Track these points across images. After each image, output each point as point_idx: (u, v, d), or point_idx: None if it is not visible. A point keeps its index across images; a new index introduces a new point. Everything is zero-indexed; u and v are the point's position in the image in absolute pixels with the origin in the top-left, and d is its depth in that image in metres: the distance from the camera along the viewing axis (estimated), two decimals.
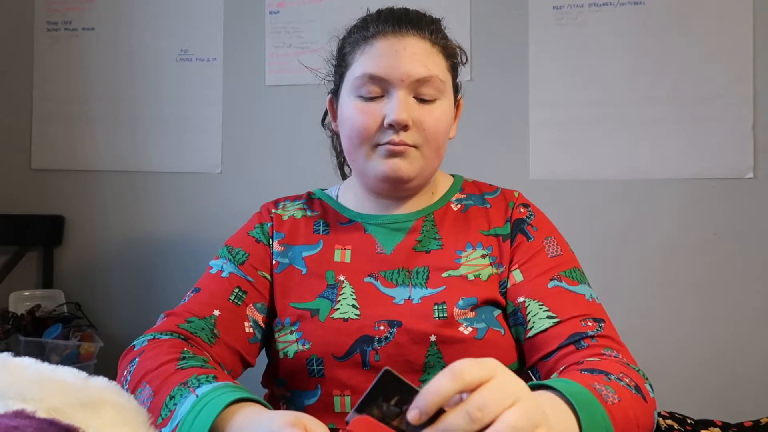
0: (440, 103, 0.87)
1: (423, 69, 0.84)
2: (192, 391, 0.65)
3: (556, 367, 0.78)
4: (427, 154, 0.87)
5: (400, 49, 0.84)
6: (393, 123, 0.83)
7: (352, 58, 0.88)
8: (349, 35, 0.92)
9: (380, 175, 0.87)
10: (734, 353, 1.68)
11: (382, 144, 0.85)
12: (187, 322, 0.83)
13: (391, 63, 0.84)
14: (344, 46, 0.92)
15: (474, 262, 0.88)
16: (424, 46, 0.86)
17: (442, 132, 0.88)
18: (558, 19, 1.79)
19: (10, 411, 0.43)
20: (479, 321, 0.83)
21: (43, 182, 2.07)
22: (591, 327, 0.79)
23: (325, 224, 0.94)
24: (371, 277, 0.88)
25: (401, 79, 0.84)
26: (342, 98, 0.90)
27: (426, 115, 0.85)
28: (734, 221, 1.69)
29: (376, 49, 0.86)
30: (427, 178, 0.91)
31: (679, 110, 1.72)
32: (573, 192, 1.77)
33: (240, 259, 0.91)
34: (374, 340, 0.82)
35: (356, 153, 0.88)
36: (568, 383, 0.63)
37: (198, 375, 0.69)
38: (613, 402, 0.63)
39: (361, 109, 0.86)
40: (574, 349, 0.78)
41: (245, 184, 1.96)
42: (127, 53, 2.03)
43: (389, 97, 0.85)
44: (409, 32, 0.86)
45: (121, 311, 2.01)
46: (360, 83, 0.86)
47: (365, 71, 0.85)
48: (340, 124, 0.91)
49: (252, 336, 0.88)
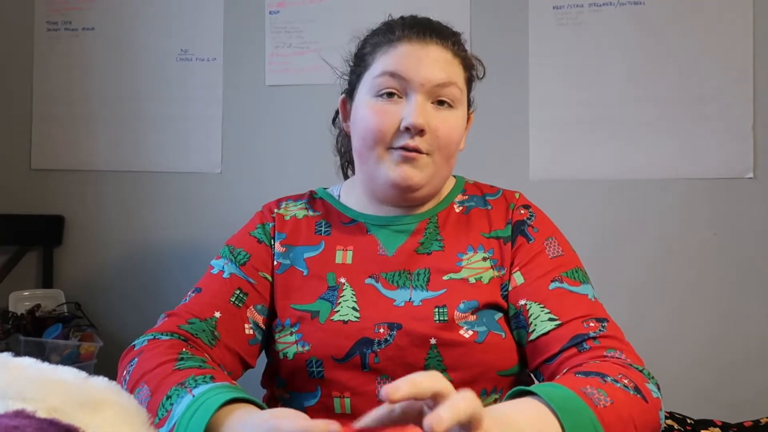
0: (455, 112, 0.88)
1: (443, 75, 0.86)
2: (189, 392, 0.65)
3: (558, 369, 0.78)
4: (438, 161, 0.87)
5: (423, 55, 0.86)
6: (410, 126, 0.83)
7: (373, 59, 0.89)
8: (372, 37, 0.92)
9: (390, 181, 0.86)
10: (734, 353, 1.68)
11: (395, 148, 0.85)
12: (188, 323, 0.83)
13: (414, 65, 0.85)
14: (365, 47, 0.92)
15: (475, 264, 0.88)
16: (446, 56, 0.87)
17: (455, 141, 0.88)
18: (558, 19, 1.79)
19: (10, 411, 0.43)
20: (480, 324, 0.83)
21: (43, 182, 2.07)
22: (593, 328, 0.79)
23: (327, 224, 0.94)
24: (372, 278, 0.87)
25: (421, 83, 0.84)
26: (358, 98, 0.90)
27: (442, 122, 0.86)
28: (734, 221, 1.69)
29: (400, 51, 0.87)
30: (437, 187, 0.91)
31: (679, 110, 1.72)
32: (573, 192, 1.77)
33: (241, 259, 0.90)
34: (374, 343, 0.82)
35: (368, 154, 0.88)
36: (554, 388, 0.63)
37: (195, 375, 0.69)
38: (605, 405, 0.63)
39: (378, 110, 0.86)
40: (577, 351, 0.77)
41: (245, 184, 1.96)
42: (127, 53, 2.03)
43: (408, 100, 0.85)
44: (432, 40, 0.87)
45: (121, 311, 2.01)
46: (380, 81, 0.86)
47: (387, 69, 0.86)
48: (352, 124, 0.91)
49: (252, 338, 0.87)
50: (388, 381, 0.81)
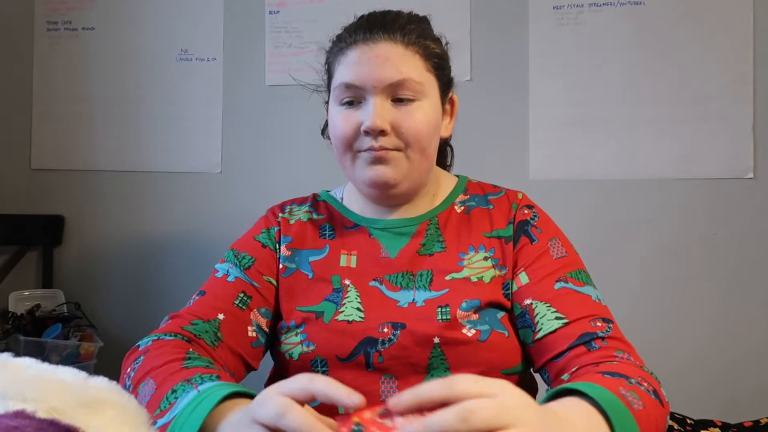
0: (420, 104, 0.87)
1: (395, 73, 0.85)
2: (194, 387, 0.66)
3: (567, 367, 0.77)
4: (412, 156, 0.87)
5: (372, 57, 0.85)
6: (368, 129, 0.84)
7: (334, 69, 0.91)
8: (332, 47, 0.94)
9: (367, 181, 0.88)
10: (734, 353, 1.68)
11: (363, 150, 0.86)
12: (192, 324, 0.83)
13: (364, 71, 0.85)
14: (328, 57, 0.94)
15: (477, 264, 0.88)
16: (397, 50, 0.86)
17: (425, 133, 0.87)
18: (558, 19, 1.79)
19: (10, 411, 0.43)
20: (483, 323, 0.83)
21: (43, 182, 2.07)
22: (600, 327, 0.79)
23: (331, 228, 0.95)
24: (376, 281, 0.88)
25: (374, 85, 0.85)
26: (330, 108, 0.92)
27: (404, 119, 0.85)
28: (734, 221, 1.69)
29: (350, 58, 0.87)
30: (417, 180, 0.91)
31: (679, 110, 1.72)
32: (573, 192, 1.77)
33: (246, 263, 0.91)
34: (378, 342, 0.82)
35: (343, 160, 0.90)
36: (596, 389, 0.61)
37: (202, 374, 0.69)
38: (639, 408, 0.62)
39: (342, 118, 0.88)
40: (586, 350, 0.77)
41: (245, 184, 1.96)
42: (127, 53, 2.03)
43: (365, 103, 0.86)
44: (380, 38, 0.86)
45: (120, 311, 2.01)
46: (338, 92, 0.88)
47: (342, 80, 0.87)
48: (330, 132, 0.93)
49: (255, 340, 0.88)
50: (391, 381, 0.81)
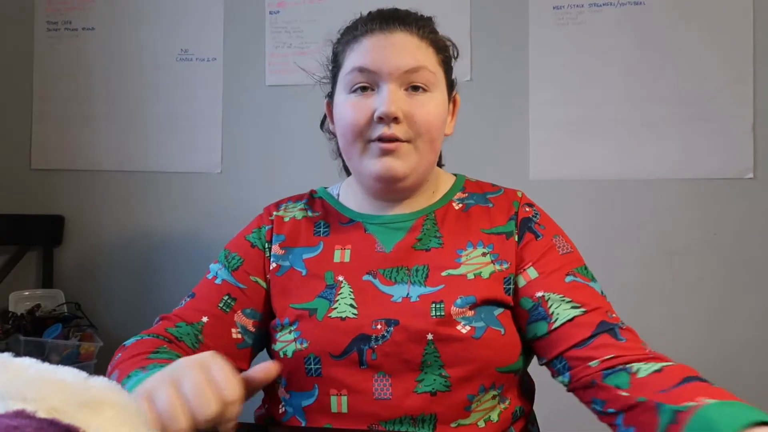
0: (432, 95, 0.87)
1: (411, 60, 0.85)
2: (144, 372, 0.67)
3: (596, 354, 0.77)
4: (420, 147, 0.87)
5: (388, 44, 0.86)
6: (382, 115, 0.84)
7: (343, 58, 0.90)
8: (341, 37, 0.94)
9: (374, 174, 0.87)
10: (734, 353, 1.68)
11: (373, 140, 0.86)
12: (176, 326, 0.85)
13: (380, 56, 0.85)
14: (336, 47, 0.94)
15: (474, 260, 0.88)
16: (412, 40, 0.87)
17: (435, 125, 0.88)
18: (558, 19, 1.79)
19: (10, 411, 0.43)
20: (478, 320, 0.83)
21: (43, 182, 2.07)
22: (617, 319, 0.81)
23: (325, 225, 0.95)
24: (370, 274, 0.88)
25: (390, 72, 0.85)
26: (336, 98, 0.92)
27: (417, 108, 0.85)
28: (734, 221, 1.69)
29: (365, 45, 0.87)
30: (423, 175, 0.91)
31: (679, 110, 1.72)
32: (573, 192, 1.77)
33: (234, 265, 0.92)
34: (371, 339, 0.82)
35: (351, 151, 0.89)
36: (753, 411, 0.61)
37: (160, 363, 0.70)
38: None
39: (352, 105, 0.87)
40: (613, 339, 0.77)
41: (245, 184, 1.96)
42: (127, 53, 2.03)
43: (379, 90, 0.86)
44: (396, 28, 0.87)
45: (120, 311, 2.01)
46: (351, 78, 0.87)
47: (355, 65, 0.87)
48: (335, 123, 0.92)
49: (240, 341, 0.89)
50: (385, 378, 0.81)
